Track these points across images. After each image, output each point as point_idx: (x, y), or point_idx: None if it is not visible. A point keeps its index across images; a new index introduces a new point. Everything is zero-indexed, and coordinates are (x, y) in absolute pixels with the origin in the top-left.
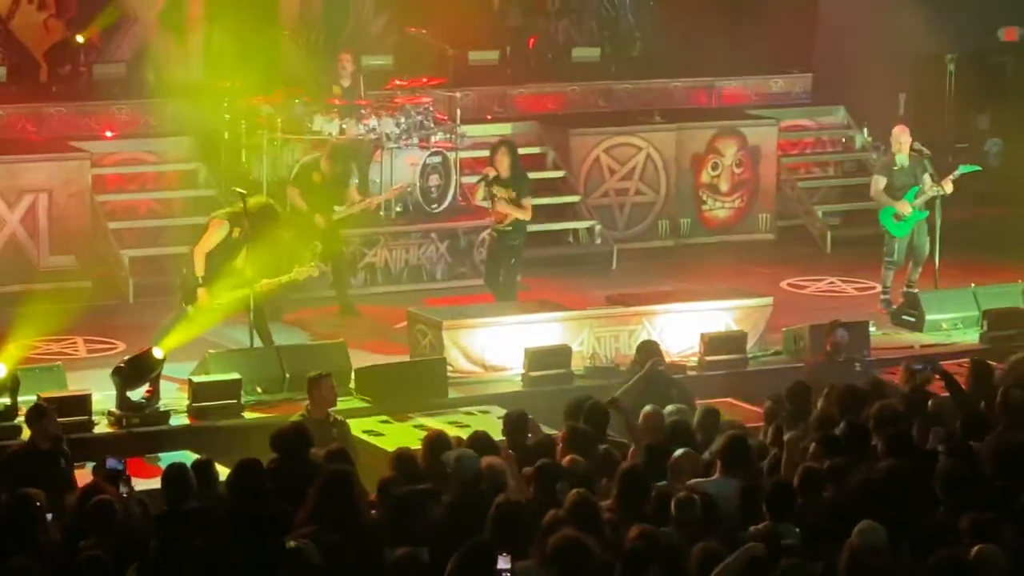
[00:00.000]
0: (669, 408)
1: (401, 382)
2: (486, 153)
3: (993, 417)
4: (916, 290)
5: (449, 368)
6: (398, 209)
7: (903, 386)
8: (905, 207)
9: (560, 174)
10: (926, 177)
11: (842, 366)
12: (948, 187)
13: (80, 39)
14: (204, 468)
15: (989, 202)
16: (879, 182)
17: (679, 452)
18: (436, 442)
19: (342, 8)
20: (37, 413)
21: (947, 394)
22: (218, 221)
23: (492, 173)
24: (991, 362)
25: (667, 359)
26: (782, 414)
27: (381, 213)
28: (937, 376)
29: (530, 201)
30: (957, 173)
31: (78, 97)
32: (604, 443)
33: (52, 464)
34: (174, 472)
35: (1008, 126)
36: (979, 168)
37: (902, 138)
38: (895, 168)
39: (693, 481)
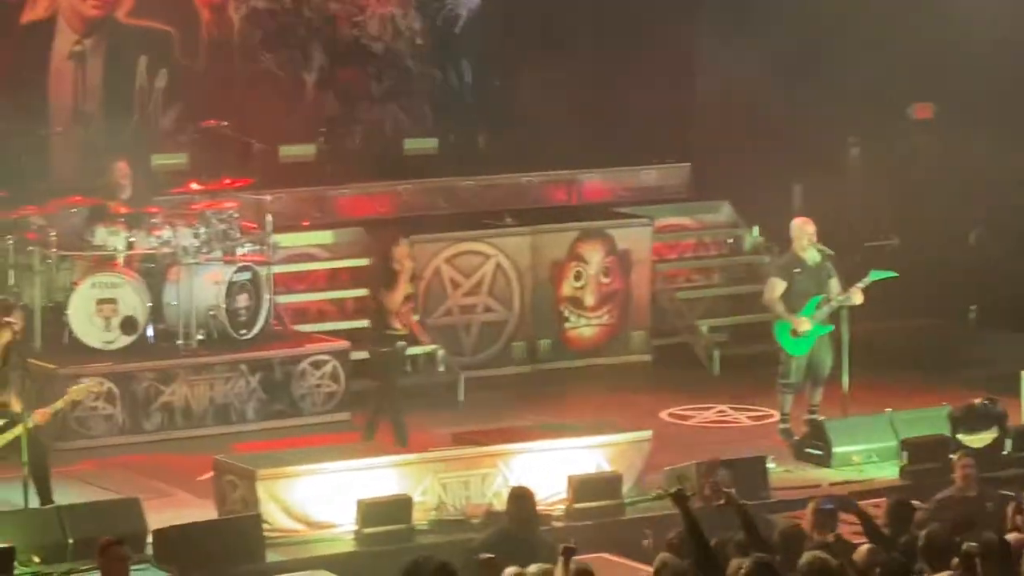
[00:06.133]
0: (532, 569)
1: (208, 545)
2: (303, 267)
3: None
4: (821, 417)
5: (265, 526)
6: (200, 337)
7: (812, 532)
8: (804, 324)
9: None
10: (833, 283)
11: (723, 512)
12: (857, 297)
13: None
14: None
15: (898, 312)
16: (776, 287)
17: None
18: None
19: (124, 101)
20: None
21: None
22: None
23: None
24: (914, 501)
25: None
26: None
27: (180, 342)
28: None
29: None
30: (868, 280)
31: None
32: None
33: None
34: None
35: (920, 220)
36: (895, 274)
37: (806, 230)
38: (797, 270)
39: None
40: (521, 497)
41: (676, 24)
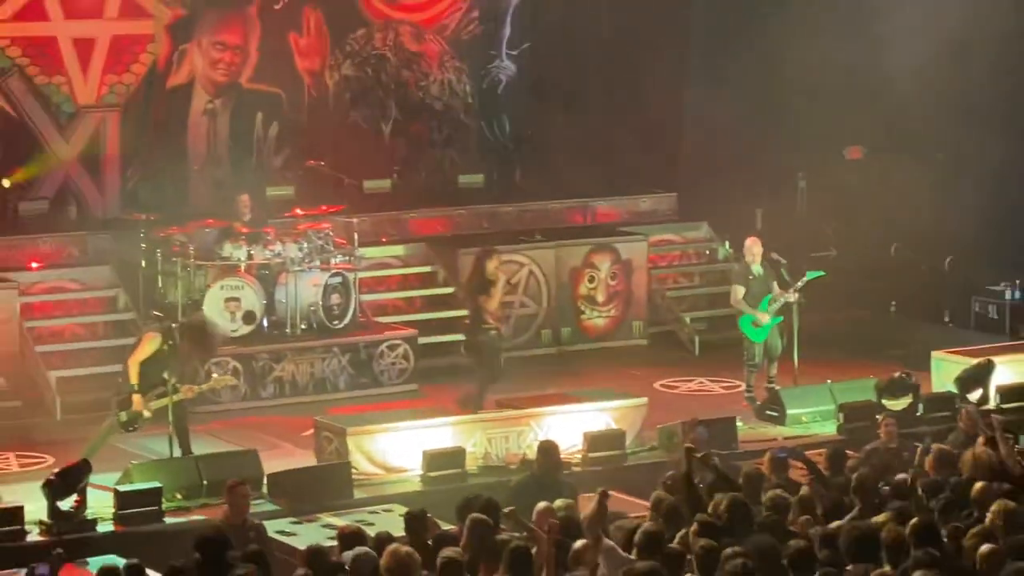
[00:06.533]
0: (558, 503)
1: (310, 485)
2: (382, 273)
3: (849, 500)
4: (777, 387)
5: (354, 471)
6: (303, 326)
7: (769, 475)
8: (764, 317)
9: (450, 290)
10: (775, 285)
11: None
12: (792, 296)
13: (6, 183)
14: (134, 571)
15: (836, 306)
16: (738, 291)
17: (578, 544)
18: (351, 537)
19: (246, 145)
20: None
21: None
22: (151, 334)
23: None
24: (848, 451)
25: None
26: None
27: (287, 330)
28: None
29: None
30: (805, 279)
31: (5, 232)
32: (498, 534)
33: None
34: (109, 573)
35: (852, 236)
36: (824, 273)
37: (754, 249)
38: (751, 277)
39: None
40: (547, 448)
41: (666, 86)
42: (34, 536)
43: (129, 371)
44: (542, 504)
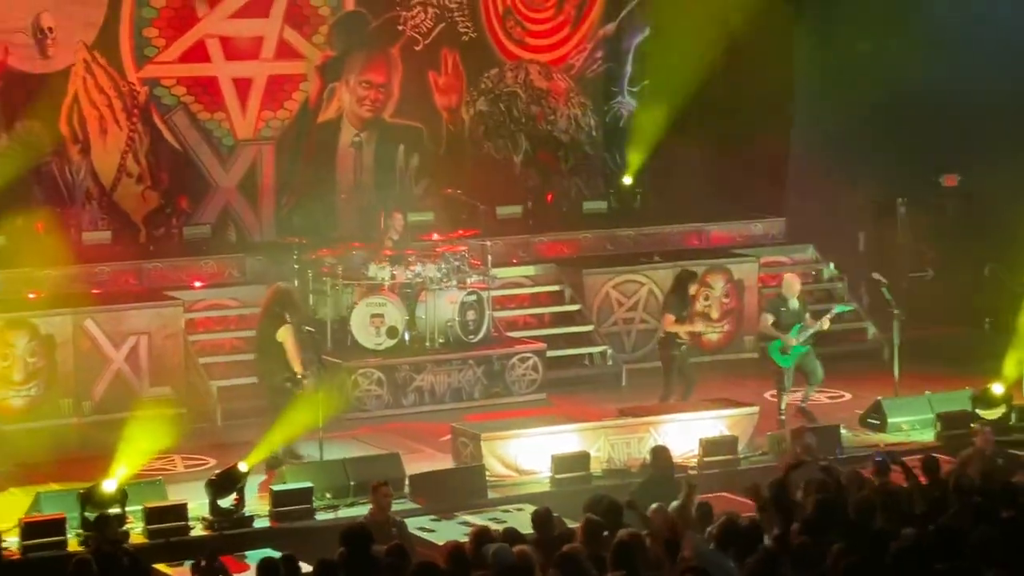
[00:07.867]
0: (673, 504)
1: (448, 486)
2: (513, 291)
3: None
4: (879, 397)
5: (488, 473)
6: (441, 340)
7: (872, 478)
8: (791, 340)
9: (576, 307)
10: (807, 316)
11: (810, 465)
12: (825, 324)
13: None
14: (289, 562)
15: (934, 323)
16: (767, 318)
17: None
18: (481, 536)
19: (388, 175)
20: (101, 522)
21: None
22: (282, 330)
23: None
24: (946, 456)
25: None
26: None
27: (427, 344)
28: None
29: None
30: (834, 312)
31: (172, 254)
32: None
33: (114, 563)
34: (268, 565)
35: (949, 258)
36: (852, 308)
37: (795, 285)
38: (783, 309)
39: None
40: (658, 451)
41: (775, 120)
42: (197, 531)
43: (294, 365)
44: (655, 505)
